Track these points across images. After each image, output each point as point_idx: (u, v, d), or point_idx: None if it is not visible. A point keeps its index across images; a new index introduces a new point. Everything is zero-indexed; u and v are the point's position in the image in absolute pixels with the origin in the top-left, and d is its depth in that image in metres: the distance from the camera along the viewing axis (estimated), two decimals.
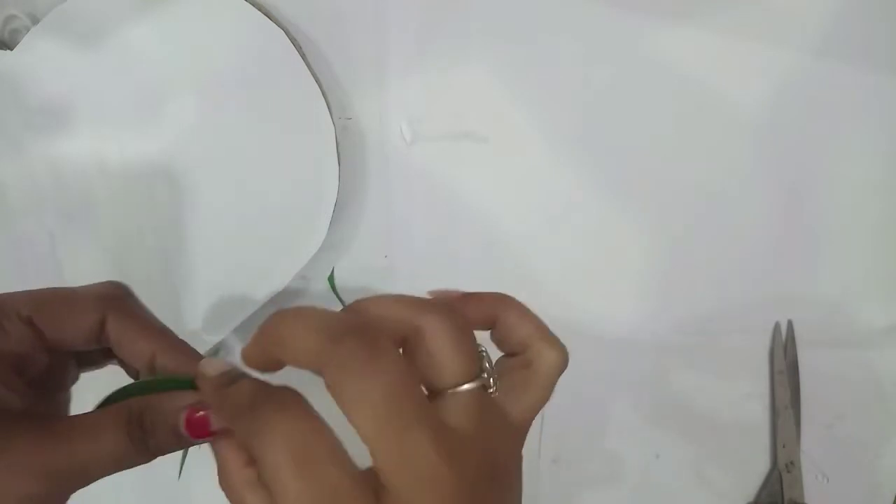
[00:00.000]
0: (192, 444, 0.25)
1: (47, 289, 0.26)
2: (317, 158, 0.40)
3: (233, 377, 0.23)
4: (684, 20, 0.40)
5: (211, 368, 0.24)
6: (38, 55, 0.39)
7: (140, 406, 0.24)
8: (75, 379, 0.28)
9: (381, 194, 0.42)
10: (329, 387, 0.21)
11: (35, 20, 0.39)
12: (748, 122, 0.41)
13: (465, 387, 0.22)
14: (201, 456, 0.25)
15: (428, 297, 0.24)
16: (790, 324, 0.43)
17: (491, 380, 0.23)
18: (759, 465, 0.45)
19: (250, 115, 0.40)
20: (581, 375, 0.44)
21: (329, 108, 0.40)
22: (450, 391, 0.22)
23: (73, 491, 0.24)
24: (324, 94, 0.39)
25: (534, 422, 0.25)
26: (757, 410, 0.44)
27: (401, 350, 0.23)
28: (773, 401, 0.44)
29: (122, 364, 0.28)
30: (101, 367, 0.28)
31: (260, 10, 0.39)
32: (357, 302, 0.23)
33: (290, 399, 0.22)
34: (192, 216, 0.41)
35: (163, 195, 0.41)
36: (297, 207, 0.41)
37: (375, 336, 0.21)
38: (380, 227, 0.43)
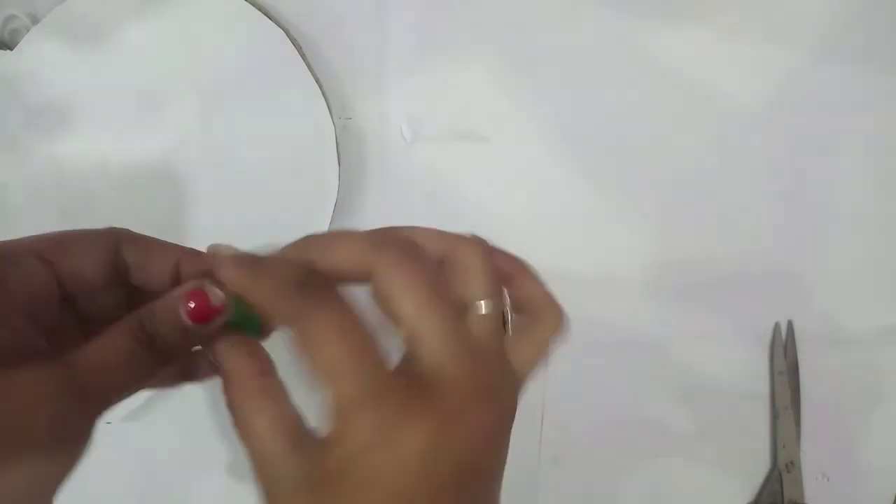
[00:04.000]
0: (201, 335, 0.23)
1: (58, 231, 0.25)
2: (317, 158, 0.40)
3: (255, 259, 0.23)
4: (684, 20, 0.40)
5: (226, 249, 0.24)
6: (39, 55, 0.39)
7: (142, 310, 0.23)
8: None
9: (381, 194, 0.42)
10: (378, 282, 0.22)
11: (35, 20, 0.39)
12: (748, 121, 0.41)
13: (487, 308, 0.23)
14: (202, 455, 0.25)
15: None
16: (790, 324, 0.43)
17: (508, 314, 0.25)
18: (759, 465, 0.45)
19: (250, 115, 0.40)
20: (581, 375, 0.44)
21: (329, 108, 0.40)
22: (476, 304, 0.23)
23: (98, 412, 0.23)
24: (324, 94, 0.39)
25: (533, 422, 0.25)
26: (757, 410, 0.44)
27: None
28: (773, 401, 0.44)
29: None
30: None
31: (260, 10, 0.39)
32: (396, 229, 0.25)
33: (334, 285, 0.22)
34: (192, 216, 0.41)
35: (163, 195, 0.41)
36: (297, 207, 0.41)
37: (414, 245, 0.23)
38: (379, 227, 0.43)
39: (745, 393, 0.44)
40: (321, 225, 0.40)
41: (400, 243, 0.23)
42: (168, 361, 0.23)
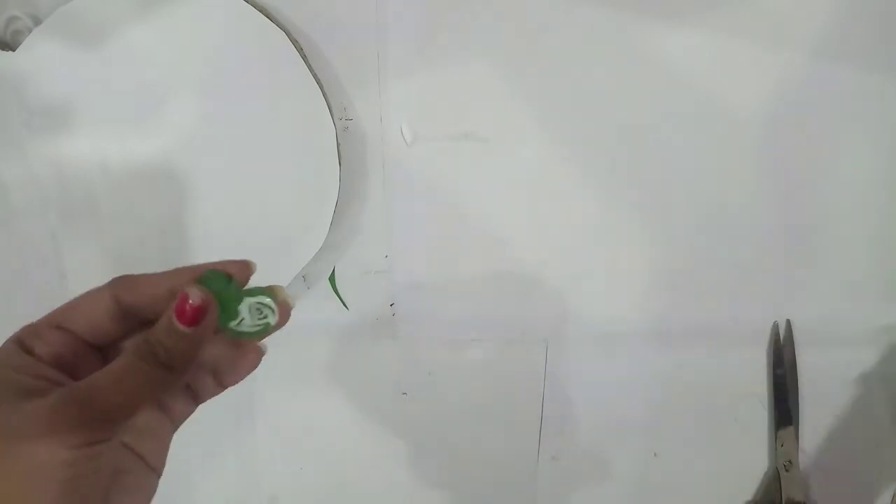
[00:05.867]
0: (198, 338, 0.26)
1: (67, 302, 0.28)
2: (318, 159, 0.40)
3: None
4: (684, 20, 0.40)
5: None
6: (40, 56, 0.39)
7: (145, 332, 0.26)
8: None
9: (381, 194, 0.42)
10: None
11: (37, 21, 0.39)
12: (748, 122, 0.41)
13: None
14: (200, 456, 0.25)
15: None
16: (789, 323, 0.44)
17: None
18: (757, 464, 0.45)
19: (251, 116, 0.40)
20: (580, 374, 0.45)
21: (330, 109, 0.40)
22: None
23: (116, 429, 0.25)
24: (324, 94, 0.39)
25: (532, 420, 0.26)
26: (755, 409, 0.45)
27: None
28: (771, 400, 0.44)
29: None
30: (188, 412, 0.30)
31: (261, 11, 0.39)
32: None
33: None
34: (192, 216, 0.41)
35: (164, 195, 0.41)
36: (297, 208, 0.41)
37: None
38: (380, 227, 0.43)
39: (744, 392, 0.44)
40: (322, 225, 0.40)
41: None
42: (173, 372, 0.26)
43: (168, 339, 0.25)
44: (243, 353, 0.29)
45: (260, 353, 0.29)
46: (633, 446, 0.45)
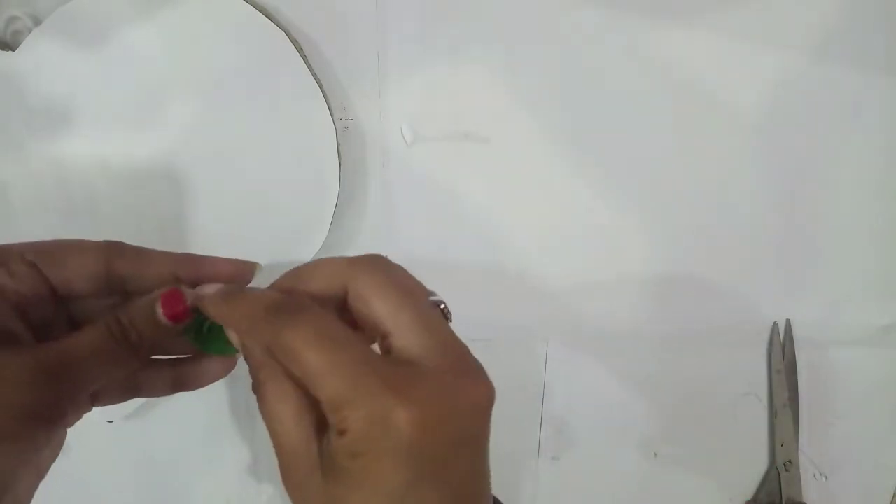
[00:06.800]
0: (169, 333, 0.26)
1: (51, 240, 0.27)
2: (318, 159, 0.40)
3: (233, 292, 0.26)
4: (684, 20, 0.40)
5: (210, 288, 0.26)
6: (40, 56, 0.39)
7: (119, 308, 0.25)
8: (85, 410, 0.28)
9: (381, 194, 0.42)
10: (354, 290, 0.24)
11: (37, 21, 0.39)
12: (748, 122, 0.41)
13: (436, 301, 0.26)
14: (201, 456, 0.25)
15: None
16: (788, 323, 0.44)
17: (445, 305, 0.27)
18: (757, 464, 0.45)
19: (251, 115, 0.40)
20: (580, 373, 0.45)
21: (330, 108, 0.40)
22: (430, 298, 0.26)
23: (68, 399, 0.24)
24: (324, 94, 0.39)
25: (533, 420, 0.26)
26: (755, 409, 0.45)
27: None
28: (771, 400, 0.44)
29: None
30: (120, 401, 0.28)
31: (260, 10, 0.39)
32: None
33: (307, 300, 0.24)
34: (193, 216, 0.41)
35: (164, 195, 0.41)
36: (297, 208, 0.41)
37: (379, 257, 0.26)
38: (380, 227, 0.43)
39: (744, 391, 0.45)
40: (322, 225, 0.40)
41: (367, 258, 0.25)
42: (138, 356, 0.25)
43: (145, 326, 0.25)
44: (211, 362, 0.29)
45: (231, 365, 0.29)
46: (633, 446, 0.45)
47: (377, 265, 0.25)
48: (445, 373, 0.23)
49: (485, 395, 0.23)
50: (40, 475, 0.25)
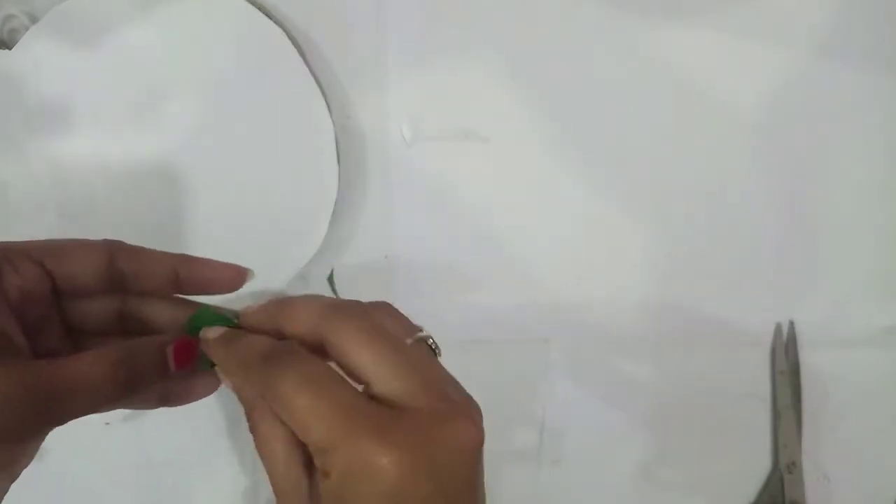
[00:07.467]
0: (176, 376, 0.26)
1: (55, 238, 0.27)
2: (317, 158, 0.40)
3: (234, 336, 0.26)
4: (684, 20, 0.40)
5: (212, 332, 0.27)
6: (37, 55, 0.39)
7: (131, 342, 0.25)
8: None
9: (381, 194, 0.42)
10: (332, 345, 0.24)
11: (34, 19, 0.39)
12: (748, 122, 0.41)
13: (421, 339, 0.27)
14: (200, 456, 0.25)
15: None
16: (791, 324, 0.43)
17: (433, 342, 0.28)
18: (760, 466, 0.45)
19: (250, 115, 0.40)
20: (581, 375, 0.44)
21: (329, 108, 0.40)
22: (415, 336, 0.27)
23: (56, 423, 0.23)
24: (324, 94, 0.39)
25: (534, 424, 0.26)
26: (758, 410, 0.44)
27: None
28: (774, 401, 0.44)
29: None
30: (103, 412, 0.28)
31: (260, 9, 0.39)
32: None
33: (298, 346, 0.25)
34: (192, 216, 0.41)
35: (163, 195, 0.41)
36: (297, 207, 0.41)
37: (357, 303, 0.26)
38: (380, 227, 0.43)
39: (747, 393, 0.44)
40: (321, 225, 0.40)
41: (343, 307, 0.26)
42: (136, 393, 0.25)
43: (152, 371, 0.25)
44: (200, 380, 0.29)
45: (218, 383, 0.29)
46: (635, 447, 0.45)
47: (352, 315, 0.25)
48: (429, 415, 0.23)
49: (471, 436, 0.23)
50: (13, 479, 0.25)
